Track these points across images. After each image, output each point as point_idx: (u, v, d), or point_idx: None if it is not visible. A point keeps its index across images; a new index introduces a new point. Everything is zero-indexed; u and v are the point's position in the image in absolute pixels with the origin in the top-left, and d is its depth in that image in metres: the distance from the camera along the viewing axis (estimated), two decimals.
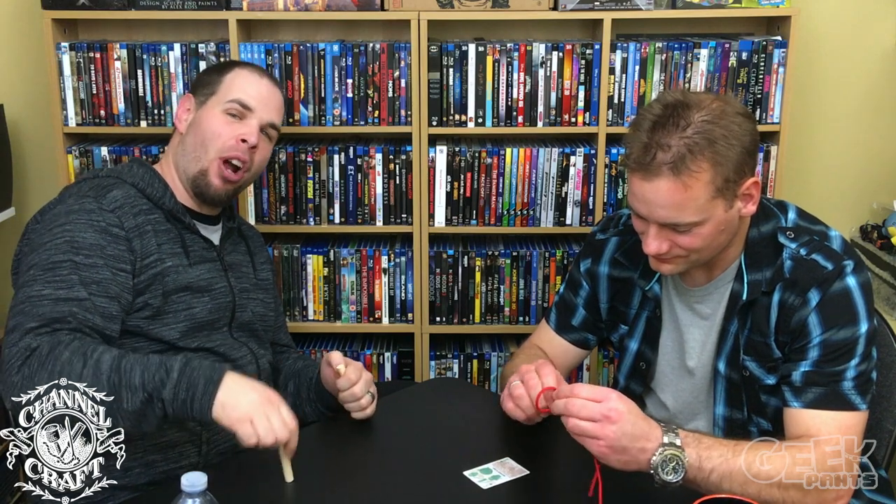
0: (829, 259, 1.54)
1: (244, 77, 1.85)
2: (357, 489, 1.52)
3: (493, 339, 2.69)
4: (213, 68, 1.93)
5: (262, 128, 1.83)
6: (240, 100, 1.81)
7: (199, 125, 1.81)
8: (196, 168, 1.80)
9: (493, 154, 2.46)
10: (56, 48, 2.40)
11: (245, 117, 1.81)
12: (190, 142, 1.82)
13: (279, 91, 1.91)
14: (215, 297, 1.79)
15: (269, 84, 1.87)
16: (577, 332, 1.86)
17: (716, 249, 1.58)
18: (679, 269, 1.60)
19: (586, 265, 1.83)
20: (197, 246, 1.80)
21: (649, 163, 1.47)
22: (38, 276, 1.57)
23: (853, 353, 1.52)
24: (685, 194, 1.47)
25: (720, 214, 1.51)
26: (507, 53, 2.40)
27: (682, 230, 1.52)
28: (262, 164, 1.88)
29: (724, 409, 1.66)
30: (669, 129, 1.47)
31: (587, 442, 1.38)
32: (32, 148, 2.69)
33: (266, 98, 1.85)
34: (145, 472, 1.65)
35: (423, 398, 1.92)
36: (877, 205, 2.70)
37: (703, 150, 1.46)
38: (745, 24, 2.60)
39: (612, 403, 1.37)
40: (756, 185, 1.54)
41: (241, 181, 1.83)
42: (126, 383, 1.42)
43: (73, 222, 1.64)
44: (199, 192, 1.81)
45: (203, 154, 1.79)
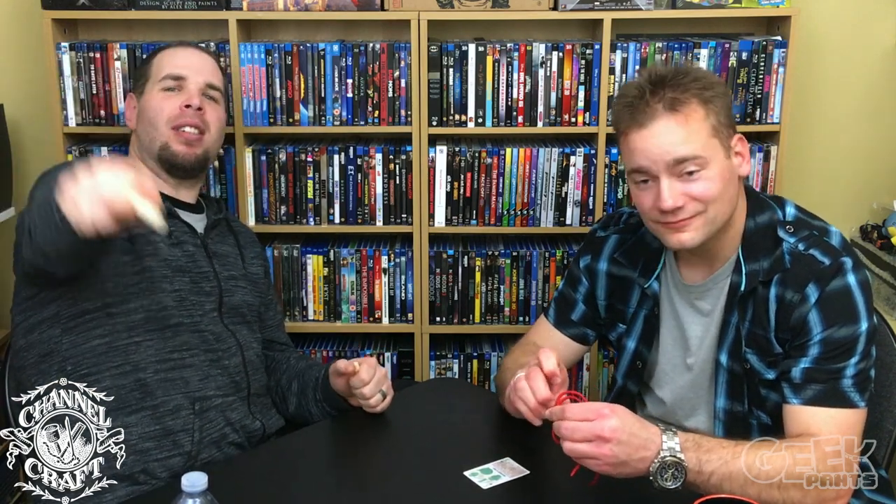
0: (827, 254, 1.55)
1: (170, 53, 1.93)
2: (357, 489, 1.52)
3: (493, 339, 2.69)
4: (142, 60, 2.02)
5: (202, 91, 1.89)
6: (170, 73, 1.87)
7: (143, 112, 1.88)
8: (156, 145, 1.85)
9: (493, 154, 2.46)
10: (56, 48, 2.40)
11: (181, 88, 1.87)
12: (141, 129, 1.88)
13: (210, 56, 1.99)
14: (195, 279, 1.81)
15: (196, 51, 1.95)
16: (577, 328, 1.86)
17: (729, 206, 1.58)
18: (698, 235, 1.57)
19: (585, 262, 1.83)
20: (178, 230, 1.82)
21: (645, 108, 1.54)
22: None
23: (853, 350, 1.52)
24: (687, 126, 1.53)
25: (722, 160, 1.56)
26: (507, 53, 2.40)
27: (691, 172, 1.54)
28: (220, 125, 1.94)
29: (726, 402, 1.67)
30: (656, 85, 1.55)
31: (586, 462, 1.39)
32: (32, 148, 2.69)
33: (197, 64, 1.91)
34: (140, 460, 1.66)
35: (423, 398, 1.92)
36: (877, 205, 2.70)
37: (691, 92, 1.55)
38: (745, 24, 2.60)
39: (605, 423, 1.36)
40: (743, 142, 1.61)
41: (204, 143, 1.87)
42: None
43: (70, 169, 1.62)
44: (170, 165, 1.85)
45: (155, 132, 1.85)
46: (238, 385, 1.81)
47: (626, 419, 1.38)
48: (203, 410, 1.73)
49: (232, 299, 1.87)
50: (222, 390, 1.77)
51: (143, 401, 1.68)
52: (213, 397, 1.75)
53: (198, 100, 1.87)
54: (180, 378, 1.72)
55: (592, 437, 1.36)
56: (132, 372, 1.68)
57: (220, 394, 1.76)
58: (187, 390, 1.72)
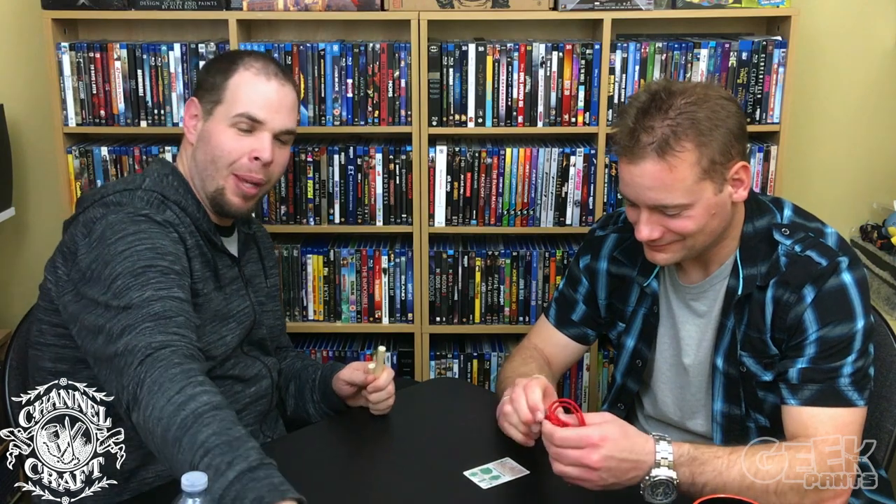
0: (824, 255, 1.55)
1: (249, 82, 1.71)
2: (357, 489, 1.52)
3: (493, 339, 2.69)
4: (216, 67, 1.77)
5: (276, 136, 1.72)
6: (248, 114, 1.69)
7: (208, 141, 1.71)
8: (212, 187, 1.71)
9: (493, 154, 2.46)
10: (56, 48, 2.40)
11: (255, 130, 1.70)
12: (201, 157, 1.73)
13: (290, 88, 1.76)
14: (240, 320, 1.77)
15: (277, 85, 1.73)
16: (577, 327, 1.86)
17: (710, 236, 1.57)
18: (675, 257, 1.60)
19: (585, 261, 1.84)
20: (224, 267, 1.76)
21: (634, 146, 1.50)
22: (130, 283, 1.47)
23: (850, 349, 1.52)
24: (671, 175, 1.49)
25: (709, 198, 1.52)
26: (507, 53, 2.40)
27: (671, 213, 1.52)
28: (282, 170, 1.79)
29: (723, 405, 1.67)
30: (654, 114, 1.50)
31: (576, 482, 1.39)
32: (32, 148, 2.69)
33: (276, 104, 1.71)
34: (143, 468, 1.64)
35: (423, 398, 1.92)
36: (877, 205, 2.70)
37: (686, 130, 1.48)
38: (745, 24, 2.60)
39: (592, 454, 1.35)
40: (745, 169, 1.55)
41: (260, 193, 1.76)
42: (191, 435, 1.27)
43: (147, 231, 1.56)
44: (220, 211, 1.74)
45: (215, 172, 1.70)
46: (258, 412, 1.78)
47: (617, 444, 1.37)
48: None
49: (258, 331, 1.83)
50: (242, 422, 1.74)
51: None
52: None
53: (269, 153, 1.69)
54: None
55: (580, 465, 1.37)
56: None
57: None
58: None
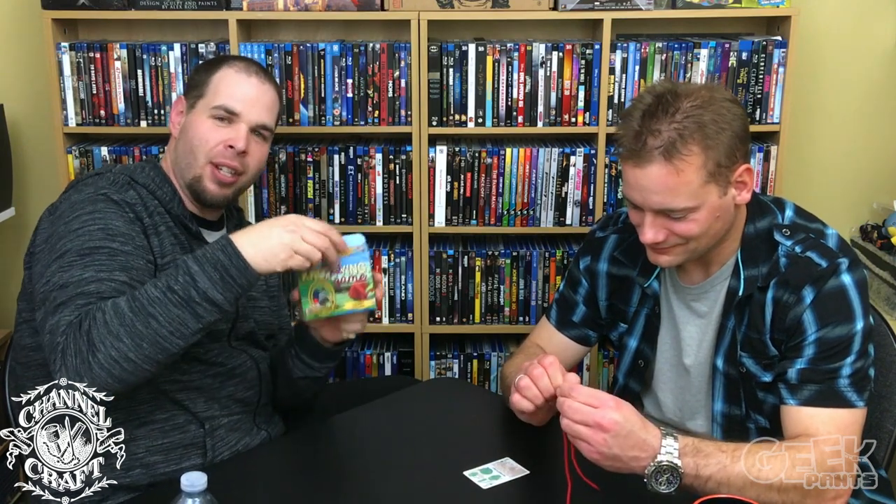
0: (824, 256, 1.55)
1: (230, 78, 1.78)
2: (357, 489, 1.52)
3: (493, 339, 2.69)
4: (203, 66, 1.85)
5: (253, 129, 1.78)
6: (225, 105, 1.75)
7: (187, 131, 1.77)
8: (190, 175, 1.77)
9: (493, 154, 2.46)
10: (56, 48, 2.40)
11: (233, 121, 1.76)
12: (181, 148, 1.79)
13: (270, 87, 1.83)
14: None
15: (257, 82, 1.80)
16: (578, 329, 1.86)
17: (713, 238, 1.57)
18: (678, 260, 1.60)
19: (585, 263, 1.83)
20: None
21: (640, 149, 1.49)
22: (74, 261, 1.52)
23: (849, 350, 1.52)
24: (678, 179, 1.48)
25: (714, 200, 1.52)
26: (507, 53, 2.40)
27: (677, 217, 1.52)
28: (260, 165, 1.84)
29: (723, 406, 1.67)
30: (660, 116, 1.49)
31: (578, 443, 1.39)
32: (32, 148, 2.69)
33: (253, 99, 1.78)
34: (146, 474, 1.65)
35: (423, 398, 1.92)
36: (877, 205, 2.70)
37: (693, 133, 1.48)
38: (745, 24, 2.60)
39: (607, 413, 1.37)
40: (749, 171, 1.55)
41: (237, 184, 1.80)
42: (166, 302, 1.44)
43: (103, 211, 1.61)
44: (198, 198, 1.79)
45: (193, 161, 1.76)
46: (246, 401, 1.79)
47: (630, 416, 1.39)
48: (213, 429, 1.71)
49: (244, 325, 1.82)
50: (228, 409, 1.75)
51: (152, 414, 1.65)
52: (219, 417, 1.72)
53: (243, 142, 1.75)
54: (188, 399, 1.69)
55: (592, 422, 1.37)
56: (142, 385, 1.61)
57: (224, 413, 1.74)
58: (195, 410, 1.69)
